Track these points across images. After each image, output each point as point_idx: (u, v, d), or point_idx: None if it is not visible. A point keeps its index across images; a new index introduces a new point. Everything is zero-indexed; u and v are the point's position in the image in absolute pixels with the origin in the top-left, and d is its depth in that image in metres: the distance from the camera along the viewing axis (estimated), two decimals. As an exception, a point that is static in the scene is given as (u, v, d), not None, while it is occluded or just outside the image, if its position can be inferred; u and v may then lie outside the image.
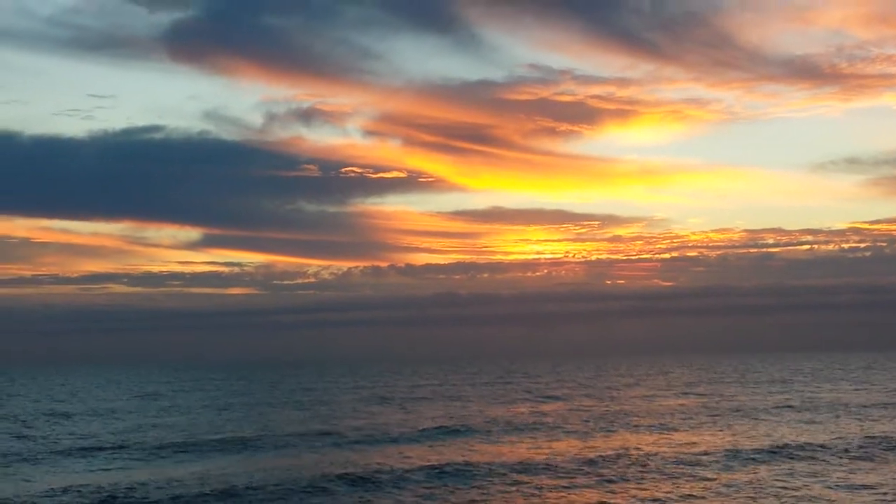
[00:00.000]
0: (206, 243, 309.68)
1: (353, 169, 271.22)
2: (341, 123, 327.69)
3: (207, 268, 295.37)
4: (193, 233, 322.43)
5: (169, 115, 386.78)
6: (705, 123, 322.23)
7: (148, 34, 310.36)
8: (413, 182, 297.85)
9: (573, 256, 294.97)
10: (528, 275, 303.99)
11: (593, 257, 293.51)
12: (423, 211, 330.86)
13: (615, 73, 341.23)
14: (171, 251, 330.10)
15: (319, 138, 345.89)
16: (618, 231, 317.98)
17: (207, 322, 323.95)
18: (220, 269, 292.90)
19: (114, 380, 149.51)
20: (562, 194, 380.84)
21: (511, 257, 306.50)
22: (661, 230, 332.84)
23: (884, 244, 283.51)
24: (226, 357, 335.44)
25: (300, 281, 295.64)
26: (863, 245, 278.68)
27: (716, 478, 34.10)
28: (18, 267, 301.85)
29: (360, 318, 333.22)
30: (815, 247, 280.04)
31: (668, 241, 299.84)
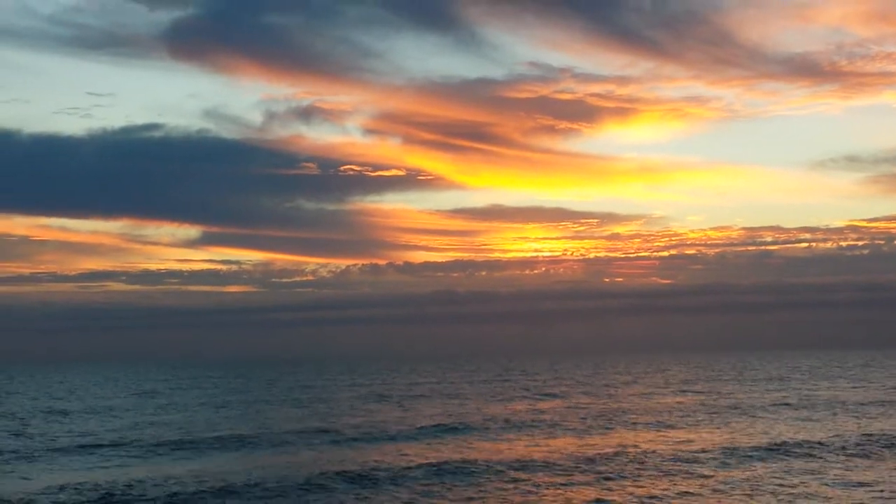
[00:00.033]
0: (205, 241, 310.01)
1: (353, 167, 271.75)
2: (341, 122, 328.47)
3: (206, 266, 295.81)
4: (192, 231, 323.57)
5: (168, 114, 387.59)
6: (705, 121, 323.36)
7: (148, 32, 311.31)
8: (412, 180, 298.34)
9: (572, 254, 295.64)
10: (527, 273, 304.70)
11: (592, 255, 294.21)
12: (421, 209, 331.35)
13: (615, 71, 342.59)
14: (170, 249, 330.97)
15: (319, 136, 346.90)
16: (616, 229, 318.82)
17: (206, 320, 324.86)
18: (219, 267, 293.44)
19: (112, 377, 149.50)
20: (561, 192, 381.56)
21: (510, 255, 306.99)
22: (660, 228, 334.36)
23: (882, 242, 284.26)
24: (224, 355, 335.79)
25: (298, 279, 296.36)
26: (861, 243, 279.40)
27: (713, 475, 34.15)
28: (17, 265, 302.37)
29: (358, 316, 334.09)
30: (814, 245, 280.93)
31: (666, 238, 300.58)
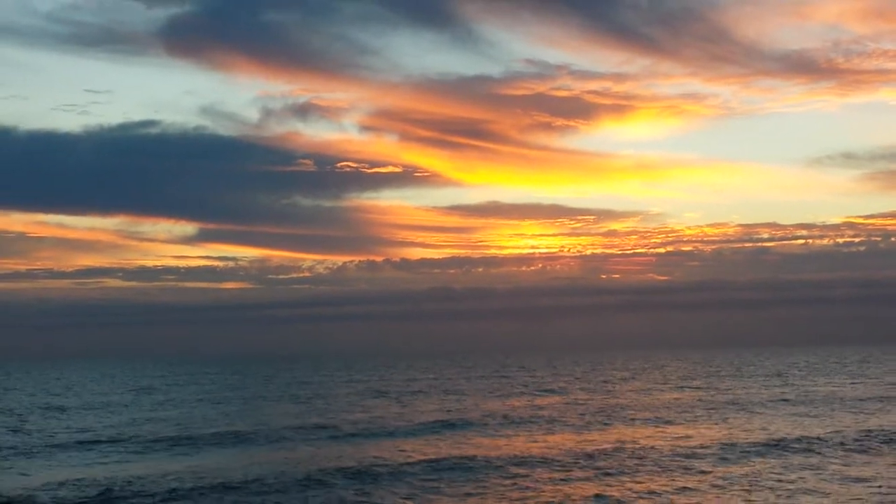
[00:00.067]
0: (202, 238, 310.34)
1: (349, 164, 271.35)
2: (337, 119, 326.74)
3: (202, 262, 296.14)
4: (189, 227, 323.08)
5: (165, 110, 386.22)
6: (702, 118, 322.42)
7: (145, 29, 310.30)
8: (409, 177, 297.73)
9: (568, 251, 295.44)
10: (524, 269, 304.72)
11: (588, 252, 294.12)
12: (418, 206, 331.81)
13: (612, 68, 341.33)
14: (167, 246, 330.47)
15: (315, 133, 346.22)
16: (613, 225, 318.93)
17: (202, 316, 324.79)
18: (215, 263, 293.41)
19: (108, 374, 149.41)
20: (557, 189, 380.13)
21: (506, 252, 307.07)
22: (657, 225, 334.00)
23: (878, 238, 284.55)
24: (220, 351, 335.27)
25: (295, 275, 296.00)
26: (857, 239, 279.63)
27: (712, 471, 34.14)
28: (14, 261, 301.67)
29: (354, 313, 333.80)
30: (810, 241, 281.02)
31: (663, 235, 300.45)
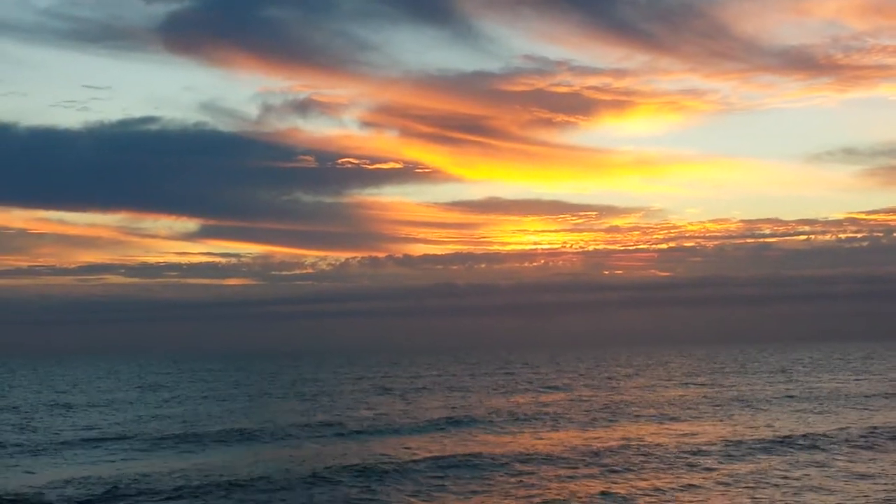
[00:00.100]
0: (203, 234, 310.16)
1: (350, 160, 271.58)
2: (338, 114, 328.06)
3: (204, 258, 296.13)
4: (190, 224, 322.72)
5: (165, 107, 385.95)
6: (701, 114, 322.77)
7: (145, 25, 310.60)
8: (410, 173, 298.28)
9: (570, 247, 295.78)
10: (526, 265, 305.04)
11: (591, 248, 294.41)
12: (420, 202, 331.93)
13: (611, 63, 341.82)
14: (168, 242, 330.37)
15: (316, 129, 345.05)
16: (615, 221, 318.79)
17: (205, 313, 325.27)
18: (218, 259, 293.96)
19: (113, 371, 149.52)
20: (559, 185, 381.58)
21: (508, 248, 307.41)
22: (659, 220, 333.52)
23: (880, 234, 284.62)
24: (223, 348, 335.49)
25: (298, 272, 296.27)
26: (859, 235, 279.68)
27: (717, 468, 34.20)
28: (15, 258, 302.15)
29: (357, 309, 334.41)
30: (812, 237, 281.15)
31: (665, 231, 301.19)
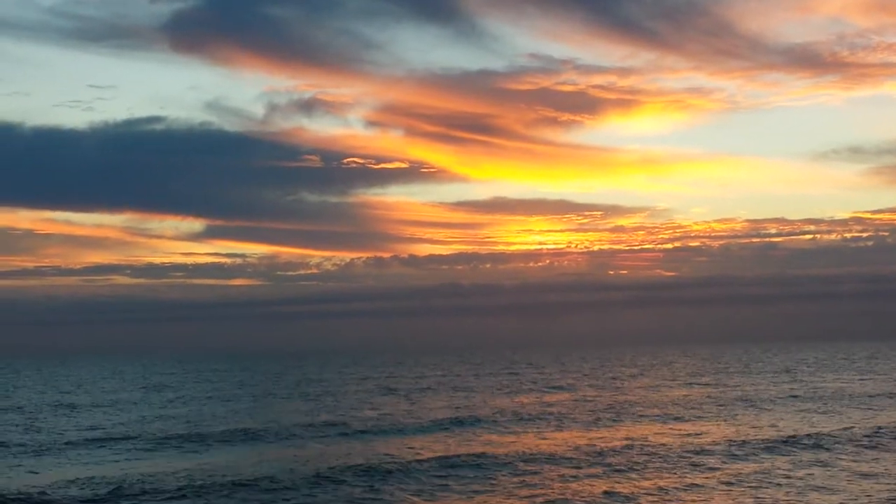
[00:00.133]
0: (209, 234, 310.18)
1: (355, 159, 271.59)
2: (343, 114, 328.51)
3: (210, 259, 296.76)
4: (196, 224, 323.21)
5: (170, 106, 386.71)
6: (707, 112, 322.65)
7: (149, 24, 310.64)
8: (415, 172, 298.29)
9: (576, 247, 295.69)
10: (531, 265, 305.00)
11: (596, 247, 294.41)
12: (425, 201, 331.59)
13: (616, 62, 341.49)
14: (174, 242, 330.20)
15: (321, 129, 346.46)
16: (620, 221, 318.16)
17: (210, 313, 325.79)
18: (223, 260, 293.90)
19: (118, 371, 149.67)
20: (564, 184, 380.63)
21: (513, 248, 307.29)
22: (664, 220, 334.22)
23: (886, 233, 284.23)
24: (228, 348, 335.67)
25: (303, 272, 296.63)
26: (865, 234, 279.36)
27: (721, 468, 34.20)
28: (21, 259, 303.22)
29: (362, 309, 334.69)
30: (818, 236, 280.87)
31: (670, 231, 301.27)
